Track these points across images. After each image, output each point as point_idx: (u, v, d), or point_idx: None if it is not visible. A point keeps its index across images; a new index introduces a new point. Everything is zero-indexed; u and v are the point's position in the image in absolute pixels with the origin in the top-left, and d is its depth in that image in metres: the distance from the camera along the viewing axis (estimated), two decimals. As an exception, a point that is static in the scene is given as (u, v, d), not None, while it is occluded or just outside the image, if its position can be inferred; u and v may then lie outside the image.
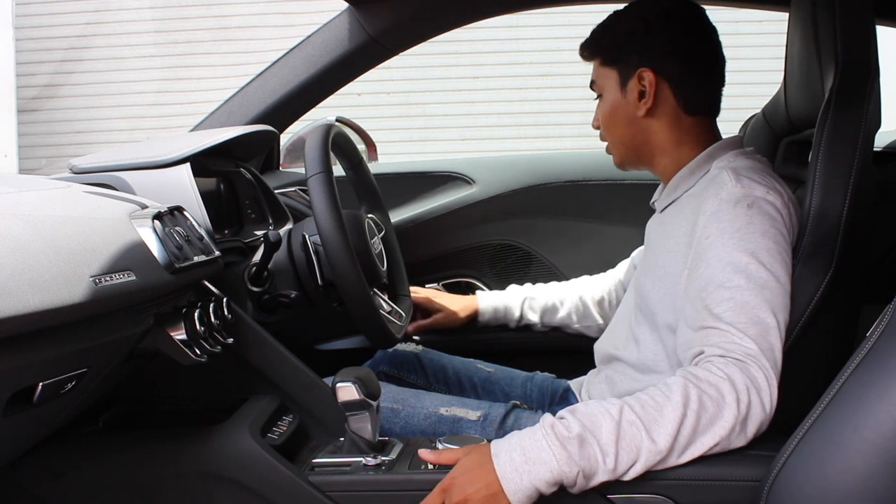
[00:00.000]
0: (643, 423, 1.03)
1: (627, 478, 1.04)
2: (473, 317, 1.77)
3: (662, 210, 1.36)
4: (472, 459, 1.07)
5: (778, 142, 1.54)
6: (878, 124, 1.19)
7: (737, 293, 1.11)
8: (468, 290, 2.13)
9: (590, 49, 1.39)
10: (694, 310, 1.15)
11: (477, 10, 1.82)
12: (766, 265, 1.12)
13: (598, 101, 1.40)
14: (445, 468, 1.09)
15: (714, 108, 1.35)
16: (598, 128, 1.42)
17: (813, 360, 1.17)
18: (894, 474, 0.92)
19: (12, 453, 1.10)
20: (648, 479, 1.05)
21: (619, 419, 1.03)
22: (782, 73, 1.42)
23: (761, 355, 1.08)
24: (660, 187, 1.41)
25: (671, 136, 1.33)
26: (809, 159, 1.18)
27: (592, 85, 1.40)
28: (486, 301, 1.76)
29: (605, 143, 1.42)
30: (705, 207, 1.19)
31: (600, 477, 1.03)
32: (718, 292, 1.12)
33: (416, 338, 1.75)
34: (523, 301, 1.75)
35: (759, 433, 1.07)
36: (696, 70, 1.32)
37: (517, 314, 1.74)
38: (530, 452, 1.03)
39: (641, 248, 1.61)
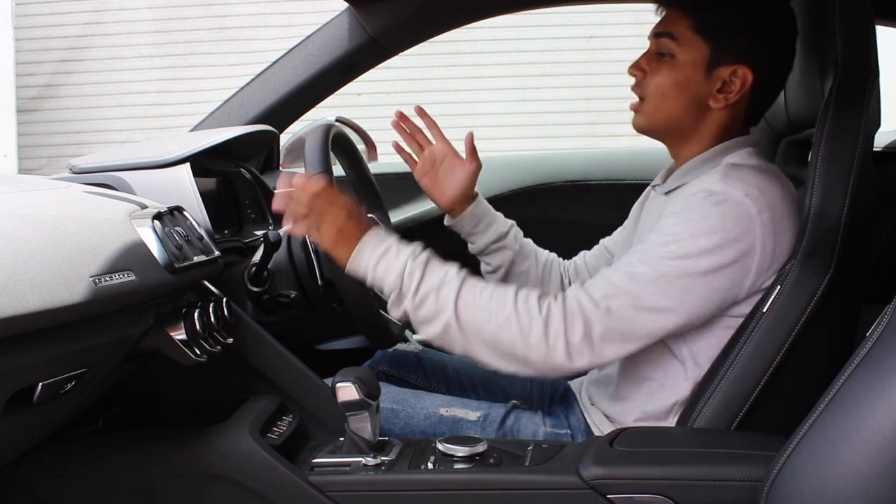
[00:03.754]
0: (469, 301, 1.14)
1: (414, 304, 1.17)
2: (464, 197, 1.49)
3: (667, 193, 1.30)
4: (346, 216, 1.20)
5: (778, 142, 1.55)
6: (877, 124, 1.19)
7: (639, 267, 1.14)
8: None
9: (690, 6, 1.23)
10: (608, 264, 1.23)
11: (477, 10, 1.82)
12: (688, 257, 1.12)
13: (657, 57, 1.25)
14: (445, 468, 1.09)
15: None
16: (641, 78, 1.27)
17: (813, 360, 1.17)
18: (894, 474, 0.92)
19: (12, 453, 1.10)
20: (648, 479, 1.05)
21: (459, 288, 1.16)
22: (782, 73, 1.42)
23: (602, 316, 1.11)
24: (662, 172, 1.39)
25: (715, 133, 1.27)
26: (809, 159, 1.18)
27: (661, 37, 1.25)
28: (484, 203, 1.52)
29: (635, 99, 1.28)
30: (687, 190, 1.20)
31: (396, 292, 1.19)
32: (630, 256, 1.17)
33: (415, 339, 1.75)
34: (512, 226, 1.56)
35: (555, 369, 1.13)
36: (780, 85, 1.28)
37: (505, 230, 1.53)
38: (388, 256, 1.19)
39: (610, 237, 1.58)
